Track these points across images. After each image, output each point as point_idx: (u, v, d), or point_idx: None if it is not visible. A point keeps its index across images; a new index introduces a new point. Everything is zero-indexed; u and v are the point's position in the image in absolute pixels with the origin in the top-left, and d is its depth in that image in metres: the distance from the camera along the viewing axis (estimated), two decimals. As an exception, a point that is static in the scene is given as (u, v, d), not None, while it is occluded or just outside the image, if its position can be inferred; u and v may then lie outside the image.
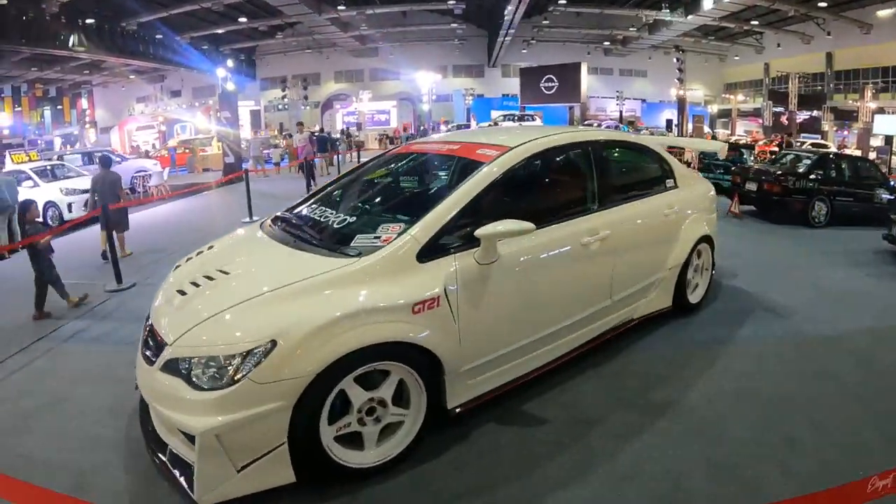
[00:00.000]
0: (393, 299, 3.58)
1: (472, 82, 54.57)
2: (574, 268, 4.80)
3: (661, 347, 5.70)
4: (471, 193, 4.14)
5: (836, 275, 8.45)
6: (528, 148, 4.73)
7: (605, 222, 5.05)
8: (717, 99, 55.08)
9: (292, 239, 4.35)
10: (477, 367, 4.10)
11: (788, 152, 15.61)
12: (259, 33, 48.13)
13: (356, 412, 3.57)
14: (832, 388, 4.90)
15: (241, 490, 3.29)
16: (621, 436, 4.17)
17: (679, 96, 41.93)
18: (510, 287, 4.22)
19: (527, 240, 4.20)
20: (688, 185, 6.51)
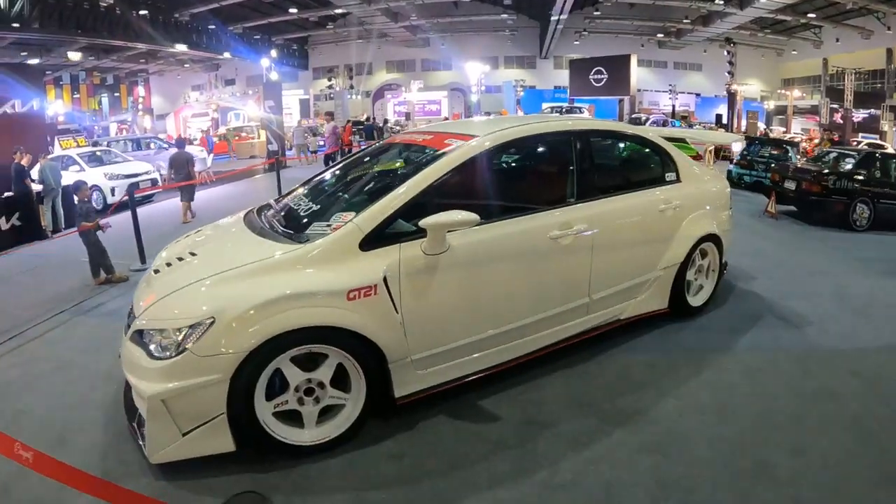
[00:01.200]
0: (327, 285, 3.71)
1: (523, 74, 54.09)
2: (541, 263, 4.70)
3: (647, 351, 5.49)
4: (421, 184, 4.18)
5: (865, 283, 7.93)
6: (494, 138, 4.70)
7: (583, 216, 4.91)
8: (773, 95, 53.39)
9: (261, 227, 4.57)
10: (427, 359, 4.15)
11: (832, 150, 15.00)
12: (311, 23, 48.53)
13: (293, 391, 3.75)
14: (827, 411, 4.54)
15: (187, 453, 3.59)
16: (571, 442, 4.06)
17: (729, 90, 40.72)
18: (463, 279, 4.22)
19: (484, 232, 4.26)
20: (694, 181, 6.21)
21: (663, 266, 5.78)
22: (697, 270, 6.27)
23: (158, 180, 18.03)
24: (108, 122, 49.46)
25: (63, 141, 22.59)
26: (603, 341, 5.50)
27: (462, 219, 3.87)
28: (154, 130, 45.32)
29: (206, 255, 4.31)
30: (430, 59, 55.27)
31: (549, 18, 42.47)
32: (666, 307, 5.97)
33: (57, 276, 8.56)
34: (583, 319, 5.17)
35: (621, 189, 5.53)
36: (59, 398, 4.89)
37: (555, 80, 53.08)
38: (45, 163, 14.20)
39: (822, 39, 47.71)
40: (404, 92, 51.48)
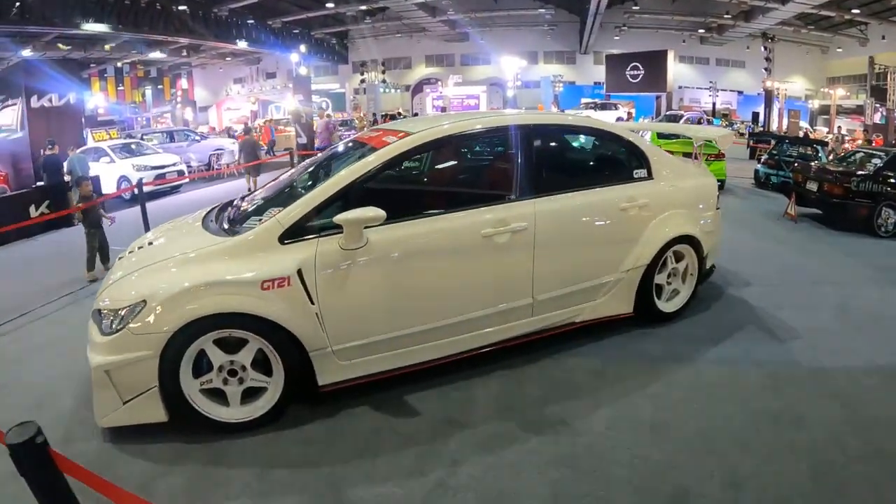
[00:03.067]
0: (243, 275, 4.00)
1: (563, 69, 53.43)
2: (473, 260, 4.66)
3: (600, 357, 5.30)
4: (342, 181, 4.33)
5: (874, 295, 7.38)
6: (427, 135, 4.75)
7: (523, 213, 4.81)
8: (817, 94, 51.86)
9: (211, 222, 4.87)
10: (349, 350, 4.31)
11: (859, 150, 14.29)
12: (349, 18, 48.50)
13: (217, 371, 4.06)
14: (785, 438, 4.15)
15: (127, 419, 4.02)
16: (482, 445, 4.03)
17: (766, 88, 39.75)
18: (386, 275, 4.35)
19: (408, 228, 4.40)
20: (670, 178, 5.90)
21: (627, 268, 5.54)
22: (672, 274, 6.00)
23: (185, 171, 18.84)
24: (151, 113, 50.29)
25: (96, 133, 23.06)
26: (557, 343, 5.37)
27: (369, 215, 4.02)
28: (196, 122, 46.07)
29: (158, 245, 4.71)
30: (469, 53, 54.85)
31: (587, 13, 41.91)
32: (630, 311, 5.71)
33: (78, 260, 8.79)
34: (528, 320, 5.06)
35: (574, 186, 5.31)
36: (47, 369, 5.48)
37: (594, 75, 52.20)
38: (74, 155, 15.42)
39: (868, 37, 46.21)
40: (441, 87, 51.23)
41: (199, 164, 22.46)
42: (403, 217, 4.45)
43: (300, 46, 36.01)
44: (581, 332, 5.54)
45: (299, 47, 35.04)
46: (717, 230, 6.42)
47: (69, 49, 39.41)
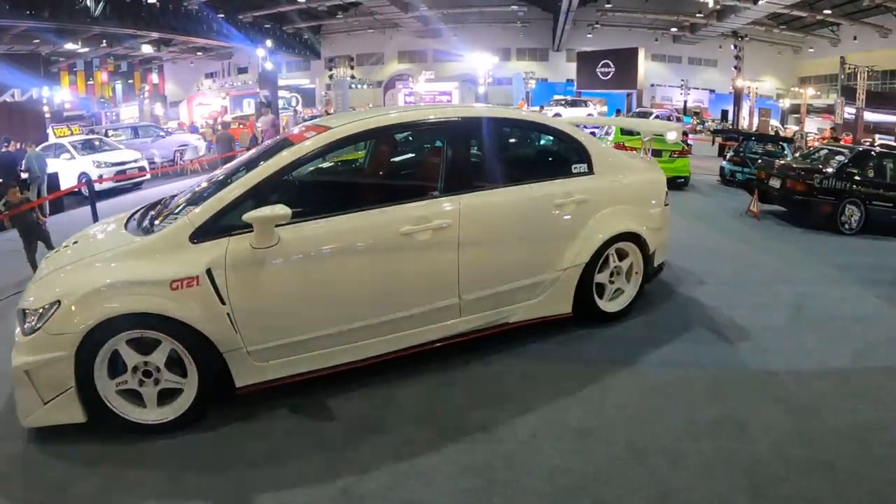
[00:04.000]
0: (152, 275, 3.88)
1: (535, 66, 53.83)
2: (392, 259, 4.50)
3: (534, 360, 5.06)
4: (254, 179, 4.20)
5: (833, 293, 7.14)
6: (347, 129, 4.61)
7: (446, 210, 4.64)
8: (789, 93, 52.45)
9: (130, 221, 4.76)
10: (266, 351, 4.17)
11: (823, 147, 14.17)
12: (322, 13, 48.21)
13: (132, 372, 3.96)
14: (723, 448, 3.86)
15: (48, 420, 3.92)
16: (396, 452, 3.86)
17: (736, 86, 40.08)
18: (299, 274, 4.23)
19: (323, 226, 4.25)
20: (612, 173, 5.65)
21: (563, 267, 5.27)
22: (615, 273, 5.73)
23: (146, 167, 18.47)
24: (119, 108, 49.62)
25: (57, 129, 22.61)
26: (490, 345, 5.14)
27: (276, 213, 3.89)
28: (167, 118, 45.58)
29: (80, 245, 4.58)
30: (442, 49, 54.58)
31: (560, 10, 42.06)
32: (569, 312, 5.45)
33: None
34: (456, 321, 4.85)
35: (504, 181, 5.10)
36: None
37: (567, 72, 52.33)
38: (32, 152, 14.98)
39: (840, 37, 46.91)
40: (412, 83, 50.99)
41: (163, 161, 22.04)
42: (319, 214, 4.31)
43: (267, 41, 35.49)
44: (516, 333, 5.27)
45: (266, 42, 34.51)
46: (666, 227, 6.18)
47: (37, 43, 38.73)
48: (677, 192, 14.81)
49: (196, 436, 4.03)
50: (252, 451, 3.88)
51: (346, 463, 3.73)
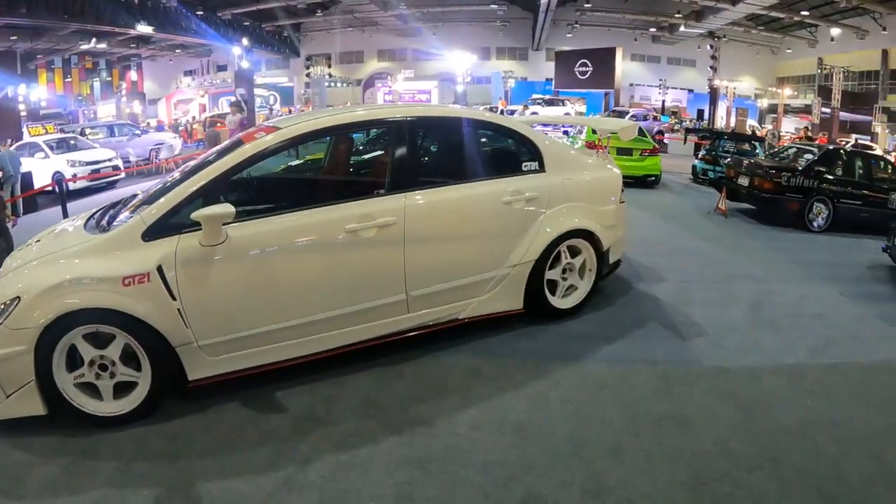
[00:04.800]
0: (105, 272, 3.96)
1: (515, 65, 53.88)
2: (338, 256, 4.58)
3: (481, 354, 5.04)
4: (204, 178, 4.28)
5: (794, 291, 7.15)
6: (294, 130, 4.68)
7: (391, 208, 4.68)
8: (767, 93, 52.75)
9: (90, 219, 4.79)
10: (217, 345, 4.23)
11: (791, 146, 14.27)
12: (302, 11, 47.85)
13: (88, 366, 4.01)
14: (666, 444, 3.83)
15: (11, 412, 3.96)
16: (338, 443, 3.91)
17: (712, 86, 40.39)
18: (248, 270, 4.29)
19: (269, 223, 4.33)
20: (565, 171, 5.64)
21: (513, 263, 5.29)
22: (567, 270, 5.72)
23: (121, 166, 18.38)
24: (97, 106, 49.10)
25: (32, 128, 22.43)
26: (441, 340, 5.15)
27: (220, 212, 3.98)
28: (145, 115, 45.21)
29: (41, 244, 4.66)
30: (422, 48, 54.19)
31: (540, 10, 41.99)
32: (520, 308, 5.47)
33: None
34: (403, 317, 4.91)
35: (452, 179, 5.15)
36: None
37: (546, 72, 52.16)
38: (5, 151, 15.13)
39: (818, 38, 47.15)
40: (390, 81, 50.87)
41: (139, 159, 21.86)
42: (267, 213, 4.43)
43: (243, 39, 35.24)
44: (468, 328, 5.25)
45: (242, 40, 34.26)
46: (621, 224, 6.18)
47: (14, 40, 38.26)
48: (648, 191, 14.95)
49: (150, 427, 4.09)
50: (202, 442, 3.92)
51: (289, 454, 3.77)
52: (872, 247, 9.50)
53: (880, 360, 5.35)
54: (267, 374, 4.47)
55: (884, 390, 4.79)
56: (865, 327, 6.16)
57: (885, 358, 5.42)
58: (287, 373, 4.55)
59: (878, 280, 8.09)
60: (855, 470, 3.66)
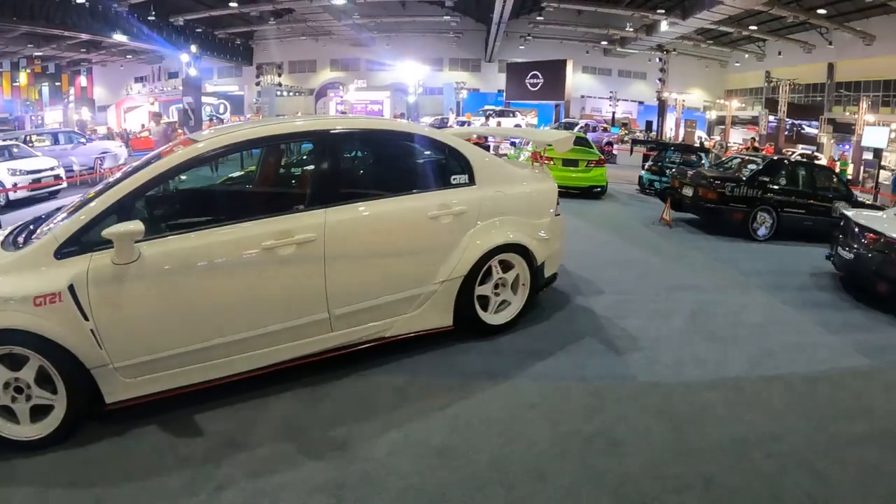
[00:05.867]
0: (15, 291, 3.78)
1: (468, 76, 54.27)
2: (256, 274, 4.40)
3: (408, 373, 4.86)
4: (117, 194, 4.11)
5: (736, 301, 7.12)
6: (210, 144, 4.50)
7: (311, 224, 4.51)
8: (715, 105, 54.06)
9: (10, 236, 4.55)
10: (133, 367, 4.07)
11: (736, 156, 14.43)
12: (255, 18, 47.48)
13: (2, 388, 3.86)
14: (594, 468, 3.70)
15: None
16: (255, 468, 3.74)
17: (660, 98, 41.17)
18: (163, 289, 4.12)
19: (183, 241, 4.18)
20: (496, 184, 5.52)
21: (441, 279, 5.14)
22: (500, 285, 5.58)
23: (62, 176, 17.63)
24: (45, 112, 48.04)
25: (-27, 136, 21.72)
26: (368, 358, 4.95)
27: (129, 229, 3.83)
28: (94, 122, 44.37)
29: None
30: (375, 58, 54.43)
31: (492, 22, 42.27)
32: (450, 325, 5.30)
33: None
34: (327, 336, 4.73)
35: (376, 194, 5.03)
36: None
37: (499, 83, 52.37)
38: None
39: (766, 52, 48.58)
40: (342, 91, 50.63)
41: (82, 168, 21.25)
42: (183, 229, 4.28)
43: (192, 46, 34.66)
44: (396, 346, 5.06)
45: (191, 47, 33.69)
46: (556, 237, 6.06)
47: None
48: (594, 202, 14.94)
49: (68, 452, 3.92)
50: (118, 467, 3.78)
51: (204, 480, 3.62)
52: (816, 255, 9.56)
53: (821, 370, 5.33)
54: (187, 396, 4.29)
55: (824, 401, 4.77)
56: (807, 336, 6.15)
57: (825, 367, 5.41)
58: (208, 394, 4.36)
59: (820, 288, 8.11)
60: (792, 488, 3.58)
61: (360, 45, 52.77)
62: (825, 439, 4.16)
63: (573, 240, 9.18)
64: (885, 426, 4.46)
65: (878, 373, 5.46)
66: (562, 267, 6.50)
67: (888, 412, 4.70)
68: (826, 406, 4.68)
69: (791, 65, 45.39)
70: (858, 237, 7.82)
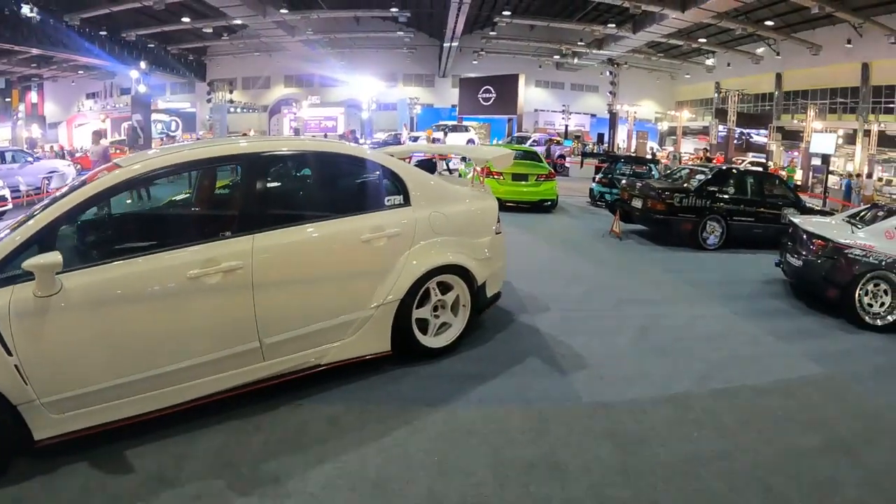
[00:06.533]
0: None
1: (422, 91, 54.40)
2: (183, 304, 4.22)
3: (344, 402, 4.66)
4: (40, 223, 3.94)
5: (685, 312, 7.07)
6: (130, 171, 4.29)
7: (237, 251, 4.35)
8: (666, 116, 55.22)
9: None
10: (61, 402, 3.90)
11: (684, 167, 14.57)
12: (208, 34, 46.98)
13: None
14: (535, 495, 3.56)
15: None
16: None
17: (611, 110, 41.91)
18: (87, 322, 3.94)
19: (106, 271, 4.02)
20: (433, 204, 5.41)
21: (376, 304, 4.99)
22: (439, 307, 5.47)
23: (7, 197, 17.00)
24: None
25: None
26: (304, 387, 4.76)
27: (48, 261, 3.65)
28: (45, 139, 43.46)
29: None
30: (329, 74, 54.22)
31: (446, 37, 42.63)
32: (388, 350, 5.14)
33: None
34: (259, 366, 4.54)
35: (305, 218, 4.87)
36: None
37: (453, 98, 52.79)
38: None
39: (715, 64, 49.56)
40: (295, 107, 50.34)
41: (29, 188, 20.68)
42: (106, 259, 4.11)
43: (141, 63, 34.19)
44: (333, 373, 4.89)
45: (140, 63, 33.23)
46: (498, 256, 5.96)
47: None
48: (544, 216, 14.94)
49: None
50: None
51: None
52: (766, 262, 9.64)
53: (772, 381, 5.29)
54: (119, 431, 4.10)
55: (774, 414, 4.70)
56: (757, 346, 6.13)
57: (776, 378, 5.36)
58: (140, 429, 4.18)
59: (771, 295, 8.15)
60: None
61: (314, 61, 52.55)
62: (777, 453, 4.10)
63: (520, 255, 9.11)
64: (838, 435, 4.43)
65: (830, 380, 5.45)
66: (508, 284, 6.37)
67: (841, 421, 4.68)
68: (777, 418, 4.62)
69: (740, 75, 46.72)
70: (807, 244, 7.86)
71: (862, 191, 23.68)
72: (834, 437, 4.39)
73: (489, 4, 42.76)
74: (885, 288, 7.13)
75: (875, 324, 7.05)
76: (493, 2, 42.34)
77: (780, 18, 37.76)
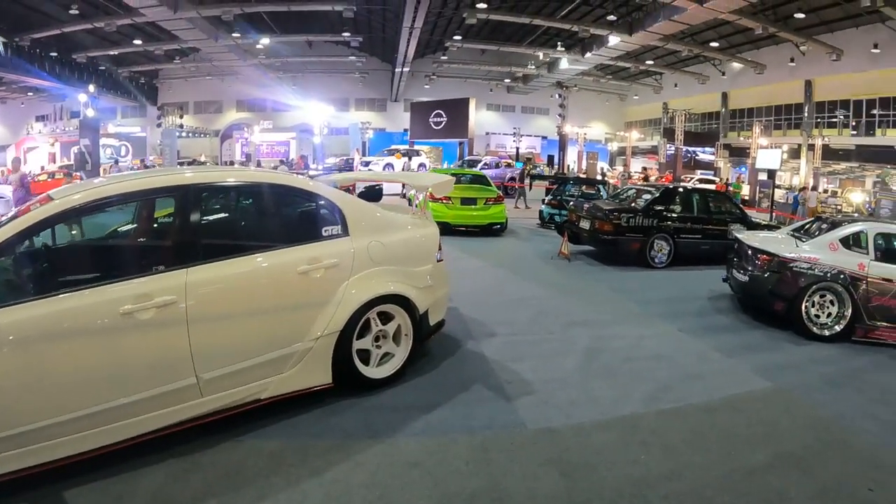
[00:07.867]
0: None
1: (374, 116, 54.42)
2: (115, 341, 4.11)
3: (284, 436, 4.54)
4: None
5: (633, 332, 7.08)
6: (62, 203, 4.20)
7: (171, 285, 4.27)
8: (616, 137, 56.12)
9: None
10: None
11: (631, 187, 14.77)
12: (159, 57, 46.46)
13: None
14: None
15: None
16: None
17: (560, 132, 42.60)
18: (15, 361, 3.80)
19: (33, 308, 3.87)
20: (371, 234, 5.37)
21: (315, 336, 4.90)
22: (381, 337, 5.41)
23: None
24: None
25: None
26: (244, 422, 4.64)
27: None
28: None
29: None
30: (282, 99, 53.77)
31: (397, 62, 42.82)
32: (329, 382, 5.05)
33: None
34: (197, 402, 4.42)
35: (240, 251, 4.79)
36: None
37: (405, 122, 52.47)
38: None
39: (662, 85, 50.79)
40: (246, 132, 49.92)
41: (-30, 215, 19.98)
42: (35, 296, 3.96)
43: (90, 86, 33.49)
44: (275, 408, 4.78)
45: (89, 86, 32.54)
46: (440, 284, 5.96)
47: None
48: (493, 239, 14.96)
49: None
50: None
51: None
52: (713, 278, 9.76)
53: (719, 398, 5.32)
54: (59, 471, 3.95)
55: (722, 432, 4.71)
56: (704, 364, 6.17)
57: (723, 395, 5.39)
58: (78, 469, 4.02)
59: (718, 311, 8.26)
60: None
61: (267, 86, 52.23)
62: (725, 472, 4.10)
63: (467, 280, 9.12)
64: (787, 449, 4.46)
65: (777, 394, 5.50)
66: (454, 310, 6.33)
67: (790, 434, 4.72)
68: (725, 436, 4.63)
69: (687, 95, 47.98)
70: (752, 259, 7.99)
71: (807, 203, 24.22)
72: (784, 451, 4.42)
73: (441, 29, 43.10)
74: (831, 298, 7.30)
75: (823, 334, 7.22)
76: (445, 27, 42.62)
77: (725, 39, 39.00)
